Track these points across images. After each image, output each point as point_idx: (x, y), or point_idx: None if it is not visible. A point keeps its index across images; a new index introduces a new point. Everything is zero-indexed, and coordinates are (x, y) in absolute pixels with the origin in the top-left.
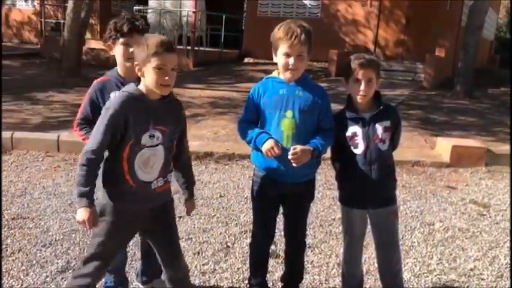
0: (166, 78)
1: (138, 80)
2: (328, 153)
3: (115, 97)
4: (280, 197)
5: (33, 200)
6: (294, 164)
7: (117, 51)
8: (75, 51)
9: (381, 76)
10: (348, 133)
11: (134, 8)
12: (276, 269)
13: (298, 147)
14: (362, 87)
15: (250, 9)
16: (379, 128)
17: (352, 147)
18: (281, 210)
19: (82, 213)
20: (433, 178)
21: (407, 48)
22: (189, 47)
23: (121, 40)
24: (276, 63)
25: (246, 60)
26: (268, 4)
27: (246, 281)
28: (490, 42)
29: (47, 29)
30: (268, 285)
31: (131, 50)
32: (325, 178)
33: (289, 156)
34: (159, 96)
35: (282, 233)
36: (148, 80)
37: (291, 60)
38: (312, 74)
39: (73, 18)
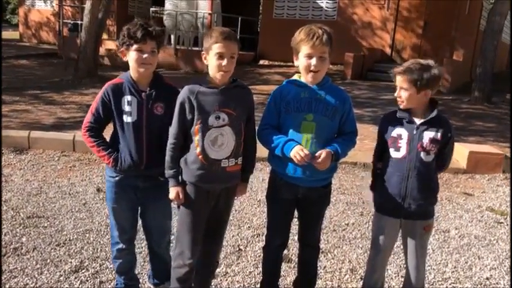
0: (224, 64)
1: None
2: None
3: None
4: (295, 201)
5: (49, 199)
6: (318, 169)
7: (131, 57)
8: (92, 52)
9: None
10: (393, 134)
11: (150, 9)
12: (288, 274)
13: (323, 153)
14: (398, 93)
15: (266, 11)
16: (426, 137)
17: (392, 150)
18: (295, 214)
19: (171, 192)
20: (449, 184)
21: (424, 52)
22: None
23: (135, 46)
24: (293, 66)
25: (262, 62)
26: (284, 6)
27: (258, 285)
28: (509, 47)
29: (64, 29)
30: None
31: (145, 56)
32: (340, 183)
33: (318, 160)
34: (226, 82)
35: (295, 237)
36: (210, 67)
37: (313, 61)
38: (328, 77)
39: (90, 19)
